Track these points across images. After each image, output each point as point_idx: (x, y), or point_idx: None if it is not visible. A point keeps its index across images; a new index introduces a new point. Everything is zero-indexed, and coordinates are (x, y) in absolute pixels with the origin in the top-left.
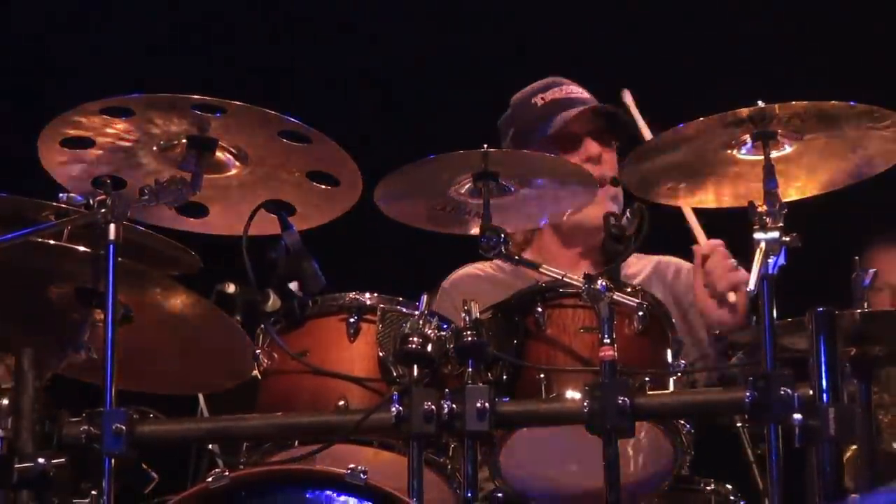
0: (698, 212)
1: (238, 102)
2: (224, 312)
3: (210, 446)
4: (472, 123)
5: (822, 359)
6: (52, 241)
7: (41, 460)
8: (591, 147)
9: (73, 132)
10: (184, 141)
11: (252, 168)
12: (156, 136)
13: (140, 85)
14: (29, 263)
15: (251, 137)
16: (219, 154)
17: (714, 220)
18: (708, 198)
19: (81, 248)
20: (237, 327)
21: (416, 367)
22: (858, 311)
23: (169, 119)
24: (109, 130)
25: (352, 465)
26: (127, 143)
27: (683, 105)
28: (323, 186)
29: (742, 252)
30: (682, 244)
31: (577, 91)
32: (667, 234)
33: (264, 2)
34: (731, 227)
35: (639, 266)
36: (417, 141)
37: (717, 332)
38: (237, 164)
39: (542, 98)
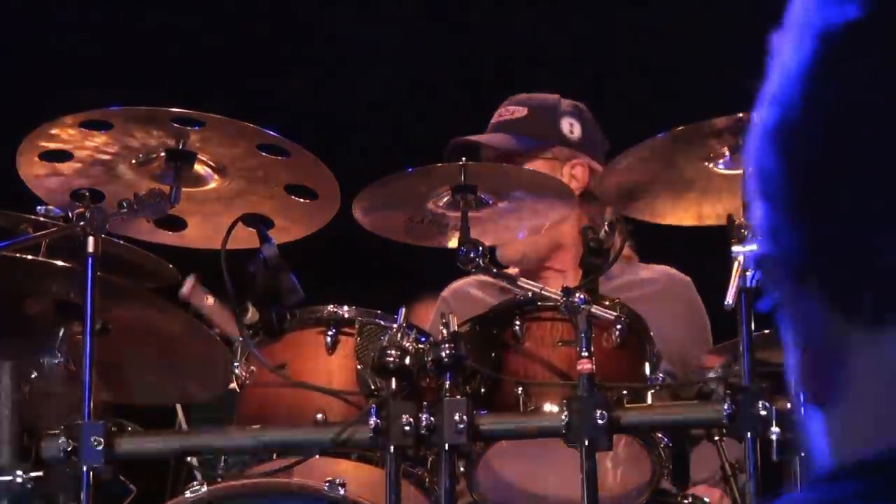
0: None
1: (217, 115)
2: (202, 323)
3: (188, 459)
4: (450, 136)
5: None
6: (29, 257)
7: (19, 473)
8: None
9: (51, 145)
10: (162, 154)
11: (230, 181)
12: (134, 149)
13: (118, 97)
14: (6, 277)
15: (229, 150)
16: (197, 167)
17: (693, 234)
18: (685, 212)
19: (59, 263)
20: (215, 338)
21: (394, 379)
22: None
23: (148, 132)
24: (88, 143)
25: (330, 478)
26: (105, 157)
27: (659, 117)
28: (301, 200)
29: (721, 266)
30: (673, 256)
31: (502, 114)
32: (659, 246)
33: (245, 12)
34: (710, 241)
35: (649, 273)
36: (396, 153)
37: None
38: (216, 177)
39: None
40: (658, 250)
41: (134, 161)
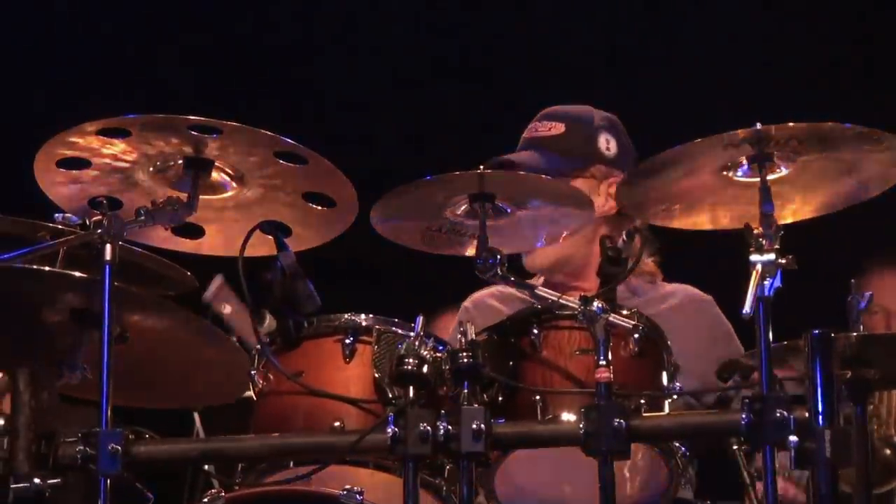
0: (694, 233)
1: (234, 123)
2: (220, 329)
3: (205, 467)
4: (469, 144)
5: (818, 381)
6: (46, 269)
7: (37, 480)
8: None
9: (69, 153)
10: (180, 162)
11: (248, 189)
12: (152, 157)
13: (135, 105)
14: (24, 287)
15: (247, 158)
16: (214, 175)
17: (710, 242)
18: (703, 219)
19: (77, 274)
20: (232, 342)
21: (411, 388)
22: (854, 334)
23: (166, 140)
24: (106, 151)
25: (347, 487)
26: (123, 165)
27: (680, 126)
28: (319, 208)
29: (738, 274)
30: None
31: (539, 129)
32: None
33: (262, 22)
34: (727, 249)
35: (671, 291)
36: (414, 162)
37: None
38: (233, 184)
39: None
40: (677, 262)
41: (151, 169)
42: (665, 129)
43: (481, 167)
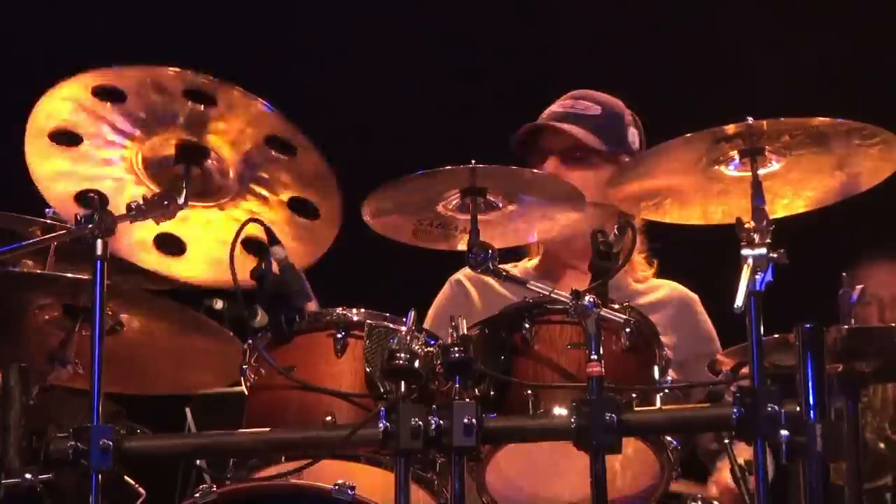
0: (685, 228)
1: (230, 88)
2: (213, 320)
3: (197, 462)
4: (460, 138)
5: (809, 375)
6: (38, 271)
7: (28, 476)
8: (550, 165)
9: (61, 124)
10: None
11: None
12: (145, 152)
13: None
14: (14, 290)
15: (240, 136)
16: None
17: (701, 236)
18: (694, 214)
19: (69, 276)
20: (225, 331)
21: (403, 382)
22: (845, 326)
23: (161, 103)
24: (100, 123)
25: (339, 481)
26: (114, 155)
27: (671, 120)
28: (305, 220)
29: (729, 267)
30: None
31: (575, 106)
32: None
33: (251, 16)
34: (718, 243)
35: (657, 287)
36: (406, 156)
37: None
38: (222, 177)
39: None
40: (668, 257)
41: (142, 165)
42: (656, 124)
43: (473, 161)
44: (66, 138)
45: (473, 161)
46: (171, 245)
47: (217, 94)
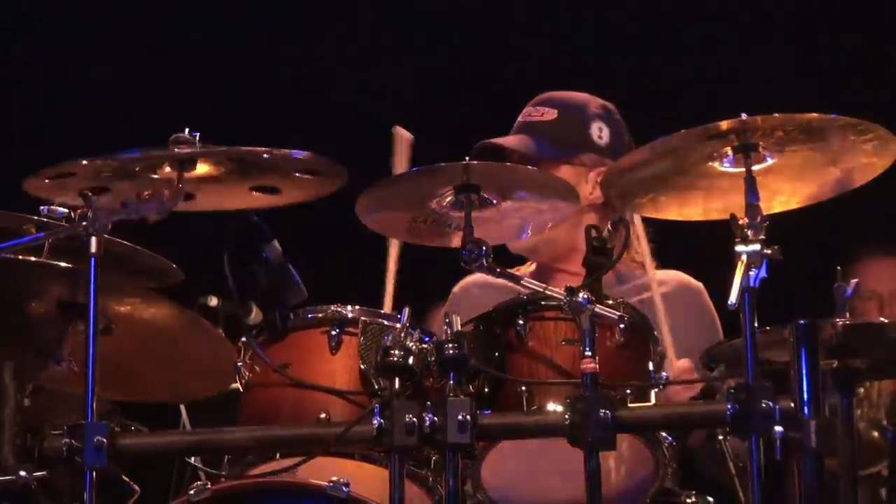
0: (681, 224)
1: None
2: (206, 320)
3: (192, 459)
4: (454, 136)
5: (804, 371)
6: (32, 259)
7: (22, 473)
8: None
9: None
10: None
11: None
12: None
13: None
14: (8, 279)
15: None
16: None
17: (695, 232)
18: (690, 210)
19: (62, 265)
20: (219, 333)
21: (397, 379)
22: (840, 321)
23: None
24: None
25: (334, 478)
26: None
27: (665, 117)
28: (306, 176)
29: (724, 264)
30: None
31: (531, 114)
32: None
33: (251, 13)
34: (712, 239)
35: (661, 278)
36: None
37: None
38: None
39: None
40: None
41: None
42: (650, 120)
43: (467, 158)
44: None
45: (467, 158)
46: None
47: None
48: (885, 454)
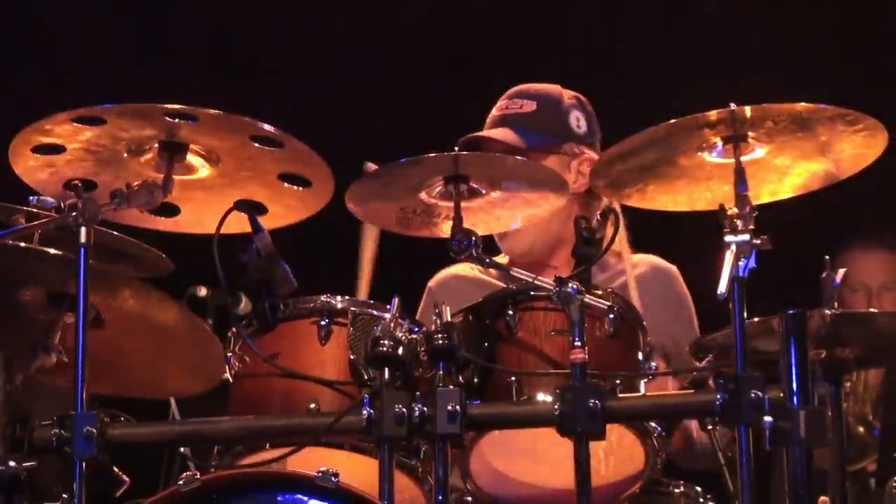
0: (669, 214)
1: (210, 111)
2: (196, 315)
3: (181, 449)
4: (444, 126)
5: (793, 361)
6: (22, 244)
7: (12, 463)
8: None
9: (44, 139)
10: (155, 145)
11: (223, 170)
12: (127, 140)
13: (113, 90)
14: None
15: (223, 142)
16: (190, 158)
17: (684, 222)
18: (678, 200)
19: (52, 251)
20: (208, 330)
21: (387, 369)
22: (829, 311)
23: (141, 126)
24: (80, 137)
25: (323, 468)
26: (98, 149)
27: (654, 107)
28: (295, 188)
29: (712, 254)
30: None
31: (509, 107)
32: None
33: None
34: (701, 229)
35: (636, 261)
36: (389, 144)
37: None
38: (208, 165)
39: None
40: (649, 239)
41: (126, 154)
42: (640, 110)
43: (456, 148)
44: (49, 149)
45: (457, 147)
46: (163, 209)
47: (198, 115)
48: (872, 450)
